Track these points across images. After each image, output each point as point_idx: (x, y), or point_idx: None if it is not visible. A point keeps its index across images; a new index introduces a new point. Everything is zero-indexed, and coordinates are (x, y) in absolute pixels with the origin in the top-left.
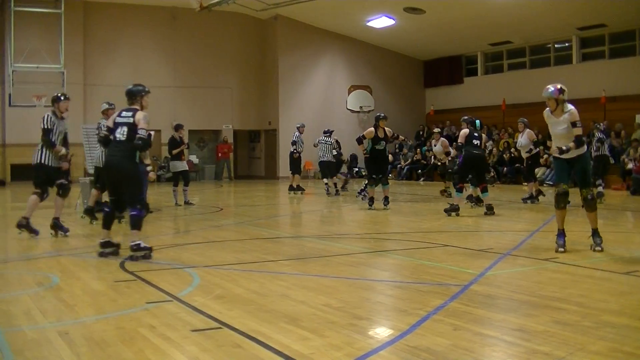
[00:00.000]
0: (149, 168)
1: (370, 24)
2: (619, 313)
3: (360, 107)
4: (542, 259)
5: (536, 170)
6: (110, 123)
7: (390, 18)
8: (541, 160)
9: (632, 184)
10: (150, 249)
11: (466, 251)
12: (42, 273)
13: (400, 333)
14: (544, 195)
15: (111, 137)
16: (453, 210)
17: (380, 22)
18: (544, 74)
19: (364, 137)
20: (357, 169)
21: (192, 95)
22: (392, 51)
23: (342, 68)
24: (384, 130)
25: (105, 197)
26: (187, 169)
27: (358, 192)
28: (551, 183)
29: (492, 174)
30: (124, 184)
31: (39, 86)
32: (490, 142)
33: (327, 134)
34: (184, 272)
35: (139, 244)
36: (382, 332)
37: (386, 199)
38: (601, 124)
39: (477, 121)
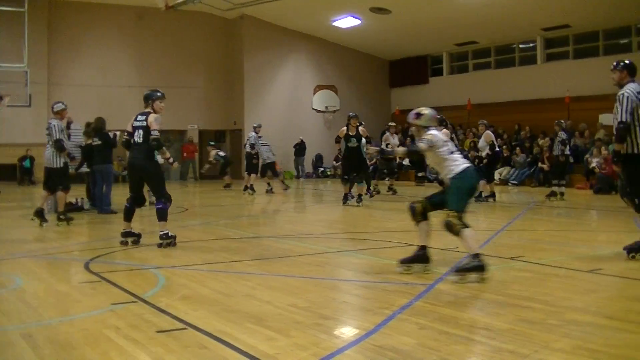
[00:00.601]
0: (171, 160)
1: (336, 23)
2: (583, 311)
3: (326, 107)
4: (507, 258)
5: (500, 170)
6: (129, 127)
7: (356, 18)
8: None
9: (597, 183)
10: (174, 237)
11: (432, 250)
12: (4, 275)
13: (366, 332)
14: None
15: (131, 140)
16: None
17: (346, 22)
18: (509, 74)
19: (339, 137)
20: (322, 169)
21: None
22: (358, 51)
23: (308, 68)
24: (357, 128)
25: (72, 197)
26: None
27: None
28: (516, 183)
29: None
30: (147, 182)
31: (1, 85)
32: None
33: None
34: (149, 272)
35: (167, 233)
36: (348, 331)
37: (359, 196)
38: (563, 121)
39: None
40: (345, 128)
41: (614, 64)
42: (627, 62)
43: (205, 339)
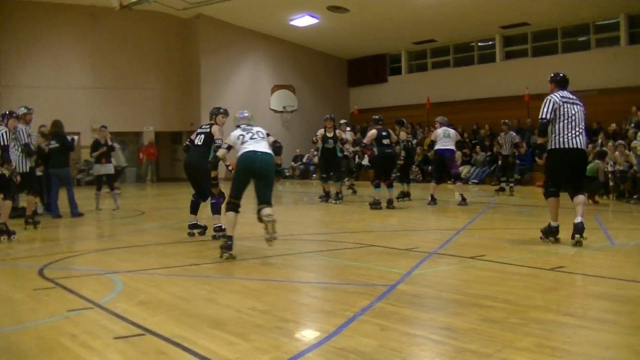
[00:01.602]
0: (226, 163)
1: (293, 23)
2: (545, 309)
3: (284, 107)
4: (468, 257)
5: (461, 168)
6: (193, 135)
7: (313, 17)
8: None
9: None
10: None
11: (392, 251)
12: None
13: (327, 335)
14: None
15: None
16: (375, 204)
17: (304, 21)
18: (467, 73)
19: (317, 138)
20: (280, 169)
21: (113, 97)
22: (315, 50)
23: (266, 68)
24: (333, 130)
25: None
26: (111, 172)
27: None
28: (476, 181)
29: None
30: (199, 179)
31: None
32: (409, 139)
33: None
34: (106, 278)
35: (221, 226)
36: (308, 334)
37: (337, 194)
38: (508, 121)
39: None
40: (323, 130)
41: (550, 76)
42: (553, 75)
43: (163, 344)
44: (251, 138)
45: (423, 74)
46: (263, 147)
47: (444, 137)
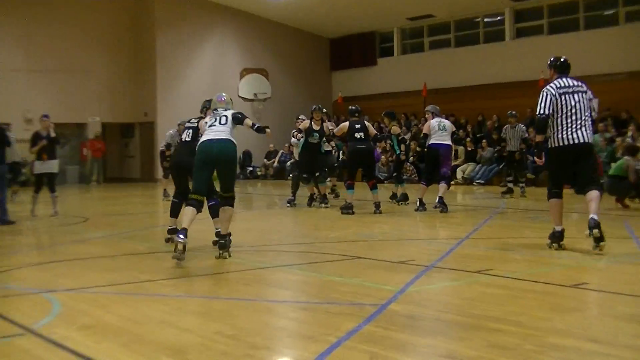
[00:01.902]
0: None
1: None
2: (565, 333)
3: (255, 95)
4: (473, 272)
5: (464, 166)
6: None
7: None
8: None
9: None
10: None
11: (383, 264)
12: None
13: None
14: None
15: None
16: (347, 208)
17: None
18: (471, 54)
19: (299, 131)
20: (251, 169)
21: (50, 81)
22: (292, 28)
23: (234, 48)
24: (321, 122)
25: None
26: (55, 171)
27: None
28: (482, 182)
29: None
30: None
31: None
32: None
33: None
34: (41, 297)
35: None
36: None
37: (324, 196)
38: (514, 112)
39: (383, 112)
40: (308, 121)
41: (549, 60)
42: (552, 59)
43: None
44: (211, 125)
45: (419, 56)
46: (222, 134)
47: (439, 130)
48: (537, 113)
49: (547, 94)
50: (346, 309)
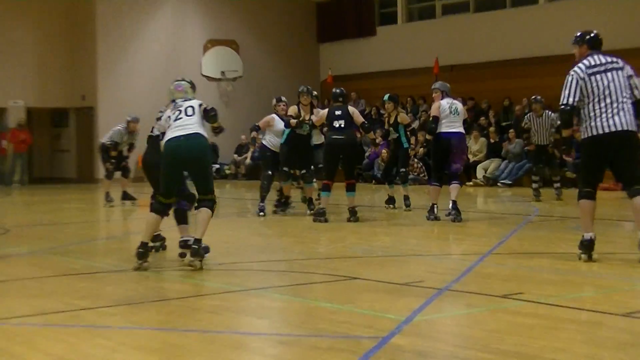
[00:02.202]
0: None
1: None
2: None
3: (222, 73)
4: (498, 296)
5: (486, 163)
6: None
7: None
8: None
9: None
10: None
11: (384, 286)
12: None
13: None
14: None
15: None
16: (319, 215)
17: None
18: (495, 21)
19: (291, 117)
20: (217, 166)
21: None
22: None
23: (195, 15)
24: (311, 108)
25: None
26: None
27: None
28: (509, 182)
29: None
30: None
31: None
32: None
33: None
34: None
35: (187, 241)
36: None
37: (310, 201)
38: (539, 97)
39: (387, 95)
40: (296, 107)
41: (575, 37)
42: (581, 34)
43: None
44: (176, 119)
45: (429, 24)
46: (190, 128)
47: (451, 114)
48: (560, 103)
49: (573, 78)
50: (338, 344)
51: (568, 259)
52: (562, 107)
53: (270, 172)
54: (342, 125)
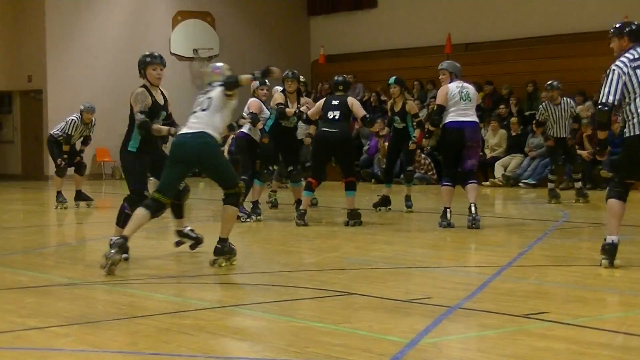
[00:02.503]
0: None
1: None
2: None
3: (195, 51)
4: (519, 316)
5: (506, 159)
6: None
7: None
8: None
9: None
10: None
11: (385, 303)
12: None
13: None
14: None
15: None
16: (298, 217)
17: None
18: None
19: (281, 105)
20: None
21: None
22: None
23: None
24: (297, 96)
25: None
26: None
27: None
28: (533, 182)
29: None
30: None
31: None
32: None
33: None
34: None
35: (119, 238)
36: None
37: (298, 204)
38: (555, 82)
39: (393, 78)
40: (281, 94)
41: (614, 28)
42: (620, 25)
43: None
44: (194, 111)
45: None
46: (198, 126)
47: (461, 101)
48: (599, 102)
49: (614, 73)
50: None
51: (601, 274)
52: (600, 106)
53: (248, 176)
54: (337, 117)
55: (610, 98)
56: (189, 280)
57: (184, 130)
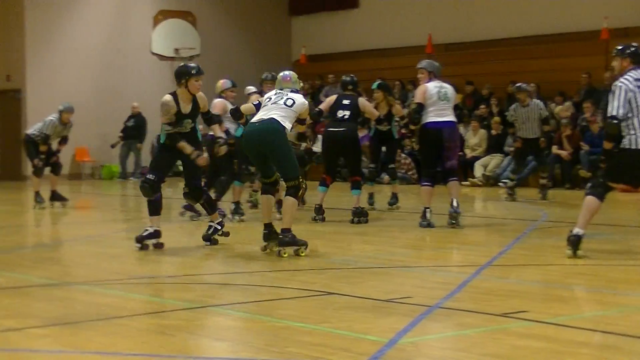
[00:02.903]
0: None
1: None
2: None
3: (176, 50)
4: (499, 315)
5: (486, 159)
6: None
7: None
8: None
9: None
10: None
11: (365, 303)
12: None
13: None
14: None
15: None
16: (317, 212)
17: None
18: None
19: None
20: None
21: None
22: None
23: None
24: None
25: None
26: None
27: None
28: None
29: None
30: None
31: None
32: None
33: None
34: None
35: (152, 232)
36: None
37: (278, 204)
38: (523, 84)
39: (376, 83)
40: (257, 95)
41: (617, 49)
42: (622, 47)
43: None
44: (273, 102)
45: None
46: (271, 112)
47: (440, 101)
48: (609, 115)
49: (621, 89)
50: None
51: (581, 273)
52: (610, 119)
53: (226, 177)
54: (346, 117)
55: (621, 111)
56: (168, 281)
57: (255, 118)
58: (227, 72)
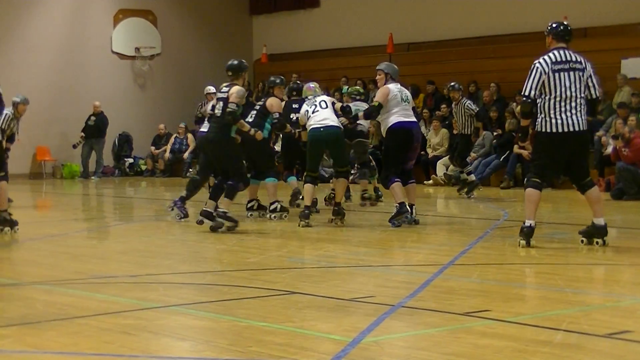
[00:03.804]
0: (252, 132)
1: None
2: None
3: (137, 50)
4: (461, 314)
5: (446, 159)
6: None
7: None
8: None
9: (617, 181)
10: (236, 223)
11: (328, 302)
12: None
13: None
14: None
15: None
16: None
17: None
18: None
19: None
20: (131, 161)
21: None
22: None
23: None
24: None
25: None
26: None
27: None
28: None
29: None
30: (220, 160)
31: None
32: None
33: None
34: None
35: (226, 213)
36: None
37: (270, 205)
38: (455, 83)
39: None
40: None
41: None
42: (551, 25)
43: None
44: (314, 112)
45: None
46: (328, 121)
47: (402, 102)
48: (522, 94)
49: (537, 70)
50: None
51: (542, 271)
52: (524, 98)
53: (201, 176)
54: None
55: (532, 92)
56: (131, 280)
57: (315, 125)
58: (188, 71)
